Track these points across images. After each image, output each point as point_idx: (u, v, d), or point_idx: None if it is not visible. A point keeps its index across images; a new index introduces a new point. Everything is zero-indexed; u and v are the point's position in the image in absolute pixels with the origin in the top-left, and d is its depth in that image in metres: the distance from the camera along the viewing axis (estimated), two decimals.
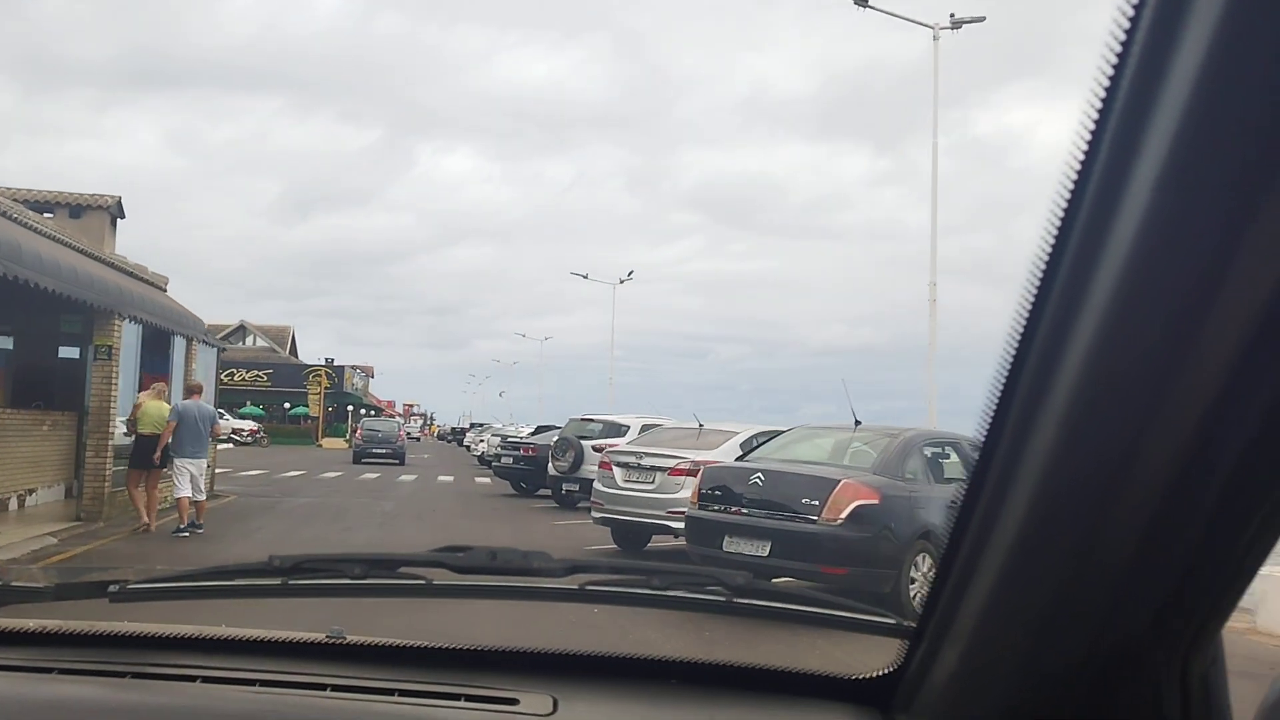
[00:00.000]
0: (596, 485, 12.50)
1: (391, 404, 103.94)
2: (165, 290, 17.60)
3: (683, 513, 9.27)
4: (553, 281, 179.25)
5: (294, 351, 70.15)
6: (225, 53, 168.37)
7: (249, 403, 57.12)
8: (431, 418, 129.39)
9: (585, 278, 50.55)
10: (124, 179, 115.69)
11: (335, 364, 64.07)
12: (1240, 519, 0.75)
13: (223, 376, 54.16)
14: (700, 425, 12.94)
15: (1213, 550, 0.77)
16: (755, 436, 11.64)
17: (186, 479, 12.04)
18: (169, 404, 12.76)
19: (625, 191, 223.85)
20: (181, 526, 11.99)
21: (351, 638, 1.34)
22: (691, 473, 10.73)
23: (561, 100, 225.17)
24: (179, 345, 16.40)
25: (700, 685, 1.25)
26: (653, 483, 11.63)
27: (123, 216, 20.53)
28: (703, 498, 8.73)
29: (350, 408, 65.65)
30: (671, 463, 11.60)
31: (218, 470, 17.60)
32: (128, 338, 14.14)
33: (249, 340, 67.51)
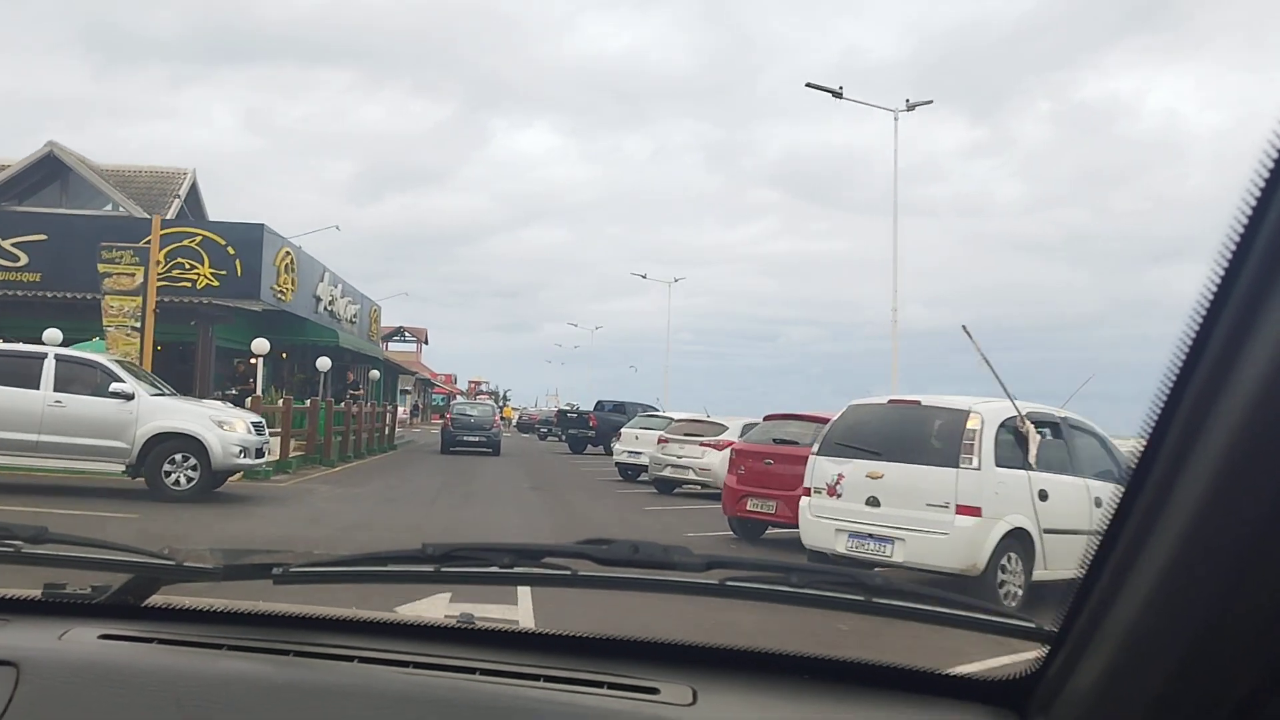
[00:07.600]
0: None
1: (450, 378, 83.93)
2: None
3: None
4: (625, 264, 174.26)
5: (197, 213, 28.85)
6: (297, 25, 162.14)
7: None
8: (505, 397, 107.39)
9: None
10: (199, 160, 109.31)
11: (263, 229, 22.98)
12: None
13: None
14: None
15: None
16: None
17: None
18: None
19: (703, 169, 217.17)
20: None
21: (495, 625, 1.39)
22: None
23: (642, 71, 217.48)
24: None
25: (837, 682, 1.28)
26: None
27: None
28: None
29: (320, 363, 25.84)
30: None
31: None
32: None
33: (112, 205, 26.12)
